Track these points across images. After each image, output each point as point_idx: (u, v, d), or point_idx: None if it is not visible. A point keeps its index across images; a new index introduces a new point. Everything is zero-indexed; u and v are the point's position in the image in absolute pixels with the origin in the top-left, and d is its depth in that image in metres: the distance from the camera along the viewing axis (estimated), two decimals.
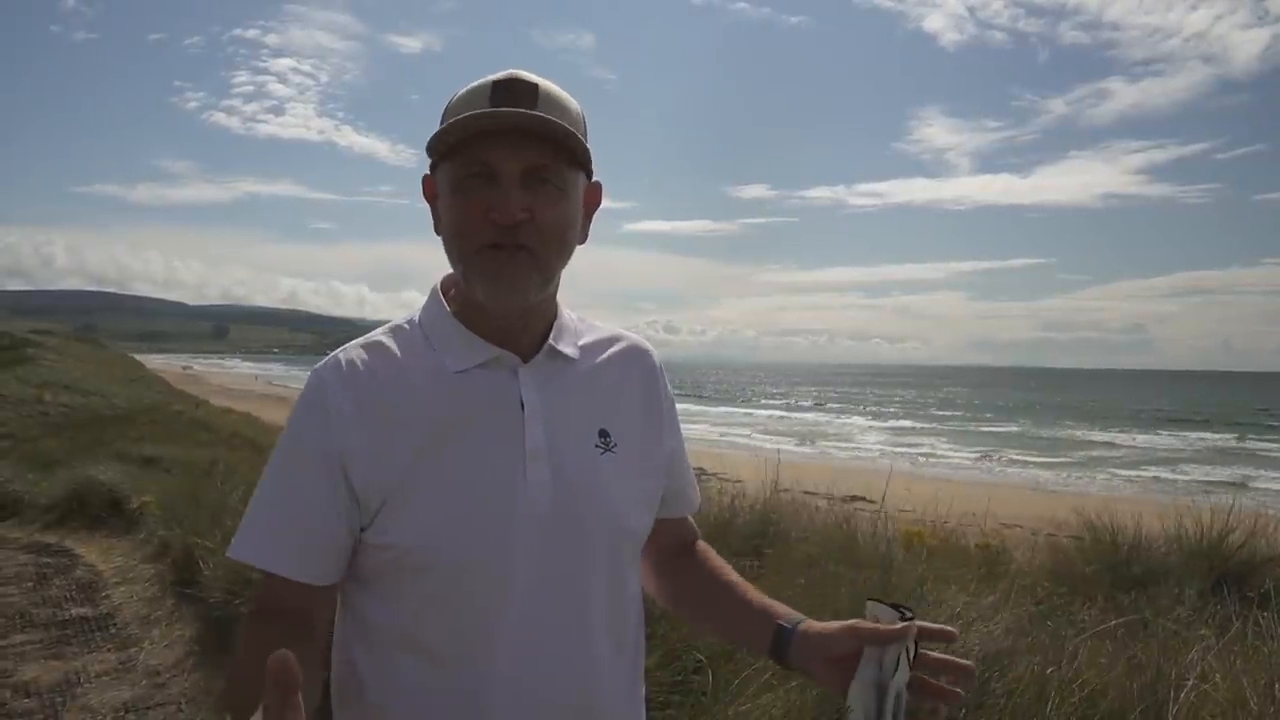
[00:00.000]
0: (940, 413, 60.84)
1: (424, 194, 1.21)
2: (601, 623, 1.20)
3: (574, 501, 1.16)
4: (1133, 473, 26.61)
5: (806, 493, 8.23)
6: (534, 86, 1.12)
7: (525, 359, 1.19)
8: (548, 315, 1.23)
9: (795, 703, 2.79)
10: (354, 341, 1.21)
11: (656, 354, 1.36)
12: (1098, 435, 42.54)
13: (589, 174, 1.19)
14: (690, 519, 1.44)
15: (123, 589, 6.42)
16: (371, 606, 1.17)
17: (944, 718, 1.10)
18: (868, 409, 64.51)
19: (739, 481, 5.98)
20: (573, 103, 1.16)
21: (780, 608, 1.25)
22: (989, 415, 58.20)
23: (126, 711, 4.22)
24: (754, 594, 1.30)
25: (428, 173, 1.19)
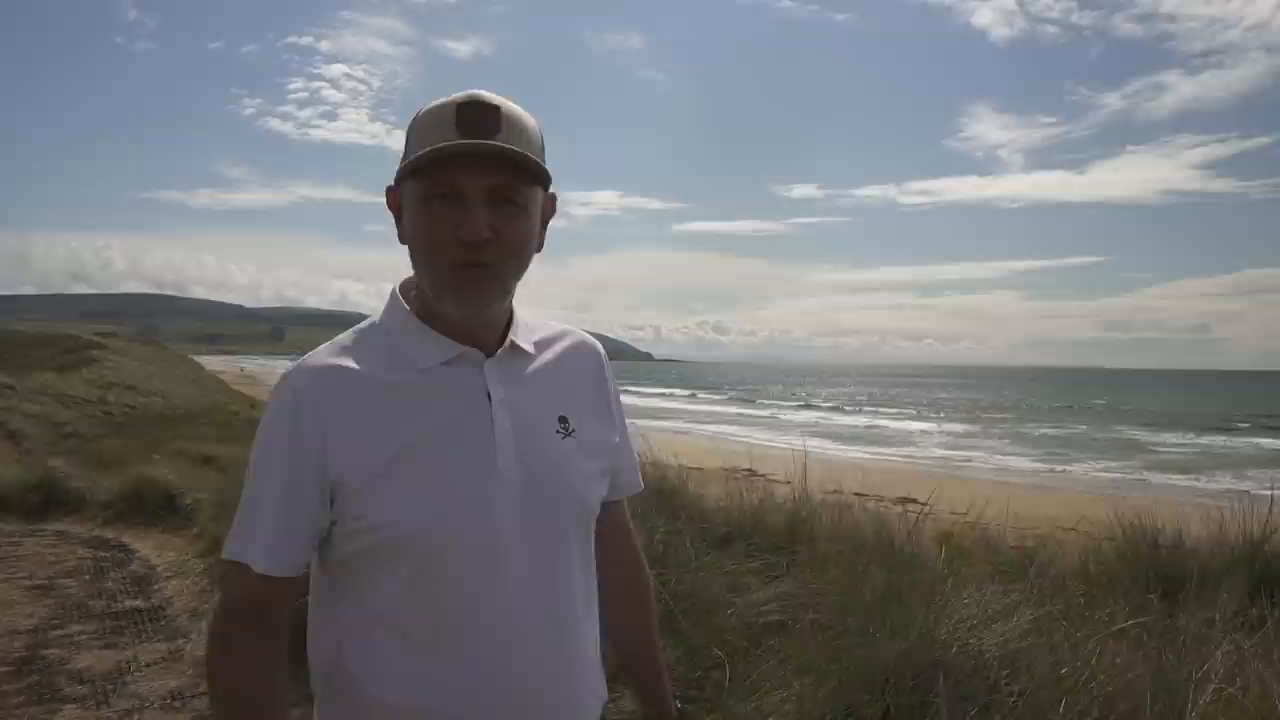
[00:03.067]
0: (995, 414, 59.86)
1: (388, 204, 1.29)
2: (574, 589, 1.31)
3: (542, 482, 1.26)
4: (1189, 476, 25.97)
5: (856, 494, 8.22)
6: (496, 109, 1.20)
7: (488, 355, 1.28)
8: (505, 314, 1.32)
9: (810, 698, 2.83)
10: (321, 346, 1.29)
11: (601, 348, 1.47)
12: (1157, 437, 41.52)
13: (546, 187, 1.27)
14: (625, 509, 1.56)
15: (174, 582, 6.63)
16: (353, 595, 1.25)
17: None
18: (922, 410, 63.71)
19: (787, 482, 5.99)
20: (532, 121, 1.24)
21: (666, 699, 1.54)
22: (1045, 417, 57.16)
23: (173, 699, 4.37)
24: (656, 671, 1.56)
25: (391, 185, 1.27)
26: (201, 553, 7.14)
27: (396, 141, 1.28)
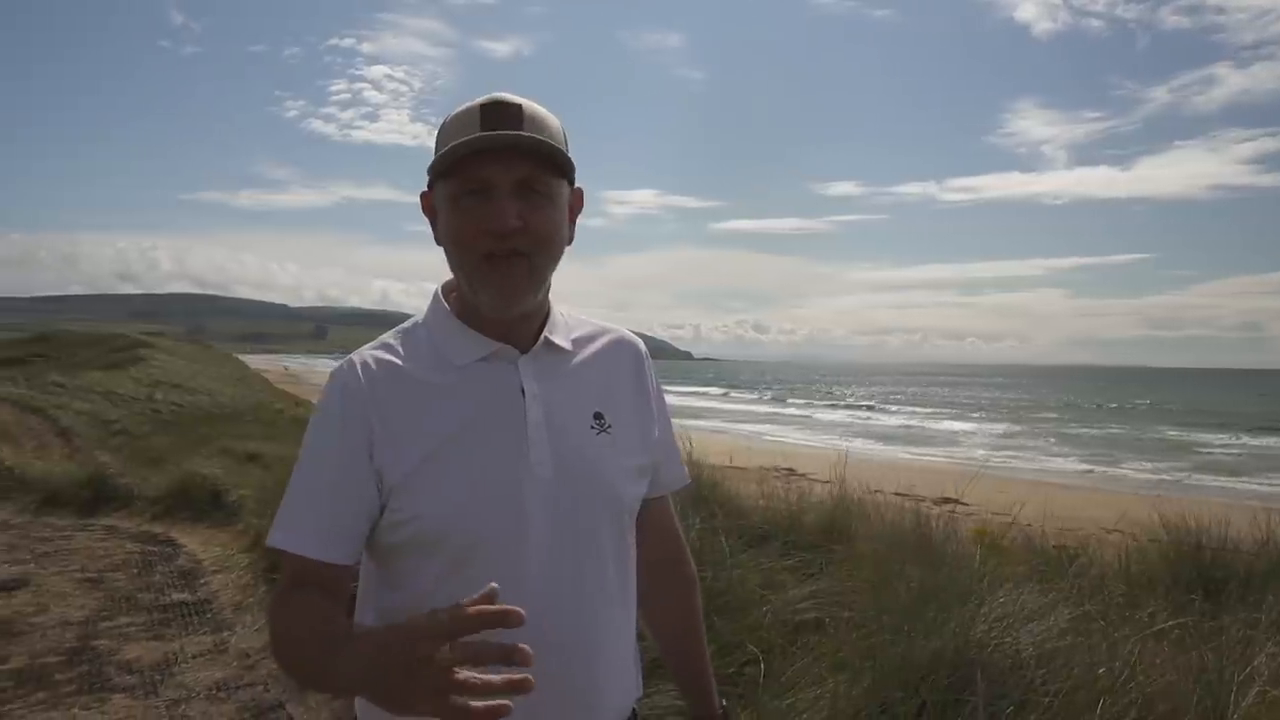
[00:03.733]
0: (1039, 414, 59.05)
1: (423, 209, 1.33)
2: (606, 584, 1.33)
3: (574, 477, 1.28)
4: (1236, 478, 25.44)
5: (897, 494, 8.17)
6: (518, 107, 1.24)
7: (523, 352, 1.31)
8: (541, 312, 1.35)
9: (844, 695, 2.83)
10: (366, 345, 1.34)
11: (642, 345, 1.48)
12: (1203, 438, 40.73)
13: (571, 181, 1.30)
14: (669, 504, 1.57)
15: (220, 576, 6.75)
16: (395, 584, 1.29)
17: None
18: (964, 410, 63.02)
19: (827, 482, 5.98)
20: (553, 119, 1.28)
21: (709, 697, 1.55)
22: (1089, 417, 56.32)
23: (218, 690, 4.46)
24: (700, 667, 1.56)
25: (425, 190, 1.31)
26: (246, 548, 7.27)
27: None
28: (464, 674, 0.95)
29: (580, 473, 1.29)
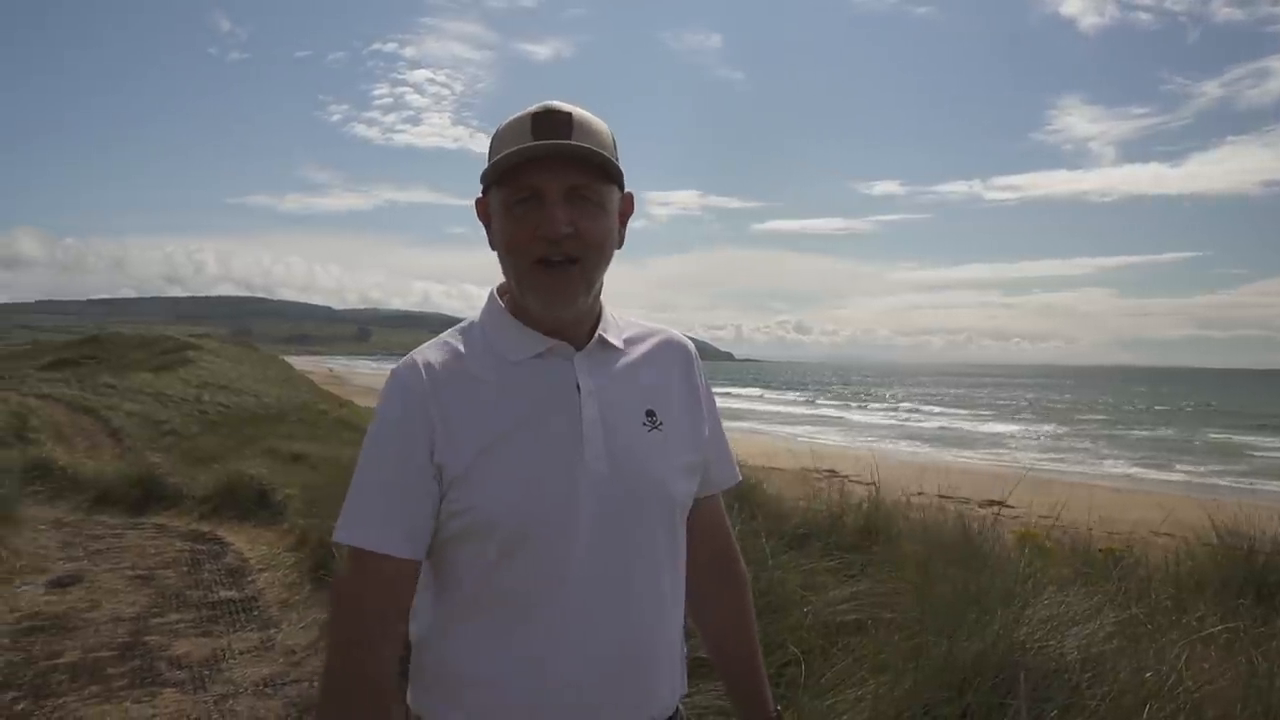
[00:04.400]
0: (1086, 416, 58.14)
1: (478, 214, 1.36)
2: (655, 579, 1.34)
3: (627, 473, 1.30)
4: None
5: (941, 496, 8.09)
6: (568, 115, 1.26)
7: (578, 349, 1.34)
8: (594, 313, 1.37)
9: (885, 697, 2.82)
10: (425, 344, 1.36)
11: (692, 345, 1.50)
12: (1256, 440, 39.84)
13: (621, 186, 1.33)
14: (720, 503, 1.57)
15: (266, 575, 6.86)
16: (449, 576, 1.32)
17: None
18: (1009, 412, 62.25)
19: (870, 484, 5.94)
20: (603, 126, 1.30)
21: (765, 703, 1.53)
22: (1138, 418, 55.37)
23: (265, 686, 4.54)
24: (753, 672, 1.54)
25: (480, 195, 1.34)
26: (291, 547, 7.38)
27: (479, 144, 1.31)
28: None
29: (633, 469, 1.31)
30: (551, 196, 1.24)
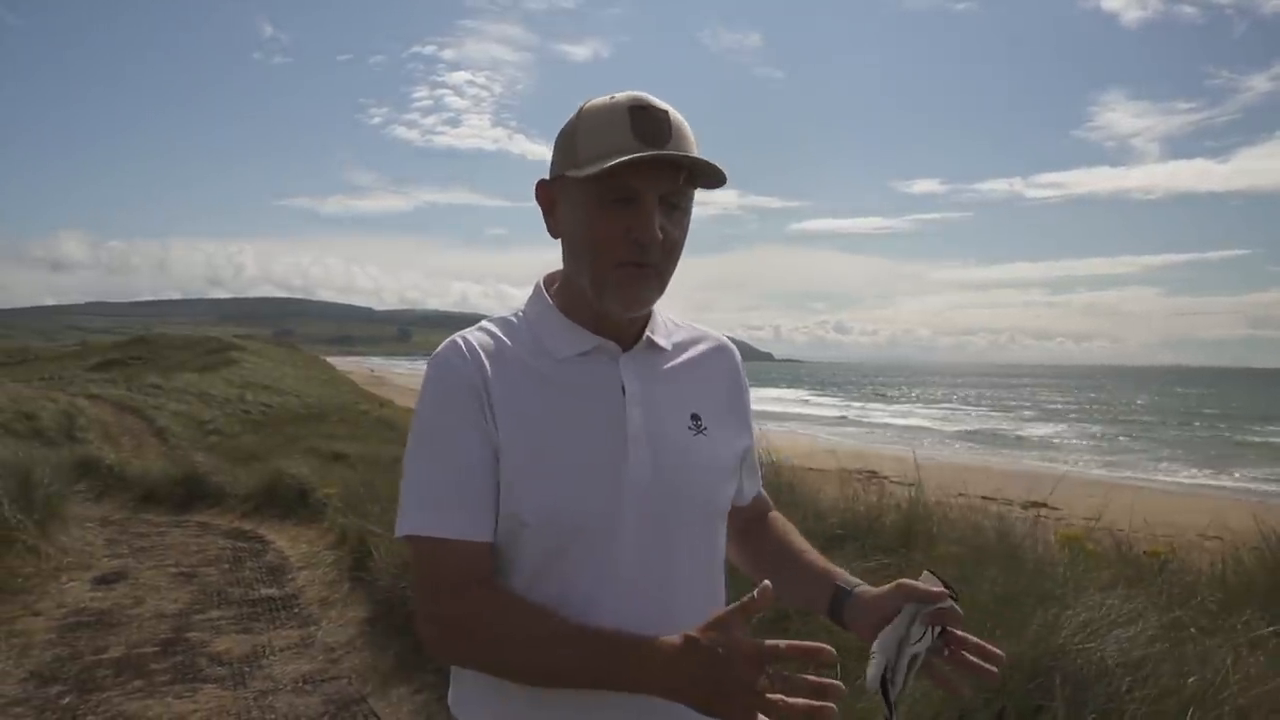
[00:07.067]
0: (1133, 417, 57.20)
1: (538, 199, 1.32)
2: (693, 583, 1.32)
3: (671, 478, 1.28)
4: None
5: (984, 497, 7.99)
6: (666, 115, 1.23)
7: (624, 349, 1.32)
8: (645, 312, 1.34)
9: (921, 699, 2.78)
10: (470, 328, 1.34)
11: (738, 354, 1.49)
12: None
13: (711, 188, 1.30)
14: (766, 499, 1.57)
15: (306, 573, 6.94)
16: (497, 573, 1.29)
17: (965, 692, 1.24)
18: (1053, 412, 61.44)
19: (910, 485, 5.88)
20: (687, 124, 1.26)
21: (840, 573, 1.39)
22: (1187, 419, 54.38)
23: (304, 682, 4.59)
24: (817, 559, 1.44)
25: (544, 179, 1.31)
26: (331, 545, 7.47)
27: (518, 146, 1.28)
28: (775, 696, 1.05)
29: (676, 473, 1.28)
30: (649, 202, 1.21)
